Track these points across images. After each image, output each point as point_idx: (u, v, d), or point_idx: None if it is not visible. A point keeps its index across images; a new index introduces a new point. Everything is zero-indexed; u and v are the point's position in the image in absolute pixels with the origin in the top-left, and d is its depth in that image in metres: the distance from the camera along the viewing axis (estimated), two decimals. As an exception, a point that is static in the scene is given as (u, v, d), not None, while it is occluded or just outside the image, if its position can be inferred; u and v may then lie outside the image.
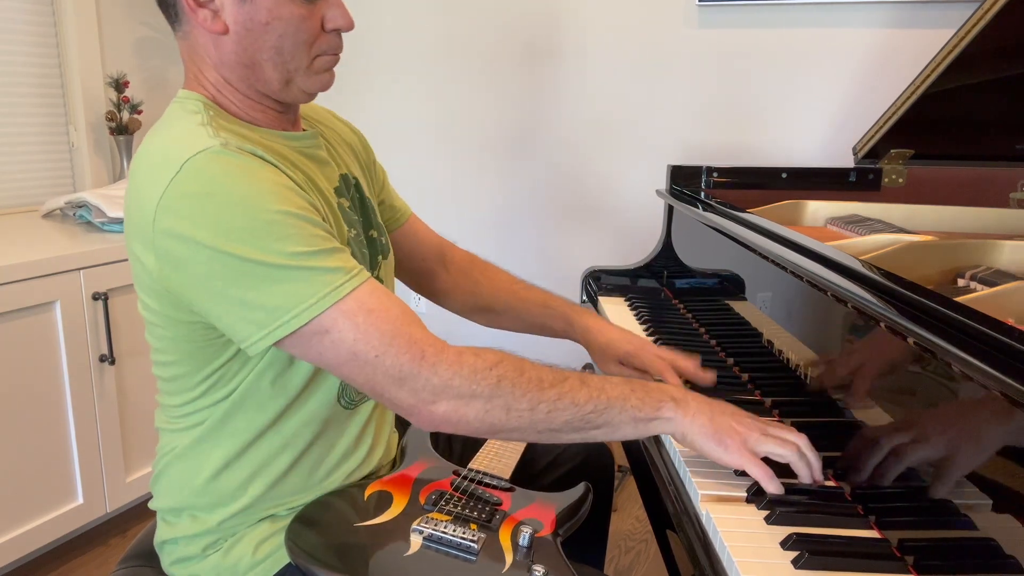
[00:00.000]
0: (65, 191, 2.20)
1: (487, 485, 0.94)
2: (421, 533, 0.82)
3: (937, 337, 0.66)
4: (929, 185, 1.53)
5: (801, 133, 2.12)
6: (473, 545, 0.81)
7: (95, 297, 1.70)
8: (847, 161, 1.61)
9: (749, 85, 2.15)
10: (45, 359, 1.63)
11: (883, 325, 0.76)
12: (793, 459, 0.79)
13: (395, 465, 0.99)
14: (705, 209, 1.34)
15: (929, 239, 1.10)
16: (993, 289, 0.86)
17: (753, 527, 0.73)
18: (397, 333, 0.75)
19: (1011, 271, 1.01)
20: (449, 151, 2.54)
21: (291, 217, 0.74)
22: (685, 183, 1.59)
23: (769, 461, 0.80)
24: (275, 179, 0.77)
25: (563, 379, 0.80)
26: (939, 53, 1.30)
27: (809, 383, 0.94)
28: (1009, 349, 0.60)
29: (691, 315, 1.39)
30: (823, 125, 2.09)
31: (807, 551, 0.68)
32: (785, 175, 1.57)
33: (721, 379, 1.06)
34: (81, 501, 1.74)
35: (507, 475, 0.97)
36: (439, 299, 1.20)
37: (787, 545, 0.69)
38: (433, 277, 1.19)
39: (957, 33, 1.26)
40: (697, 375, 1.03)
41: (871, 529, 0.73)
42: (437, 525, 0.83)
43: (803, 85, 2.09)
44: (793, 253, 0.98)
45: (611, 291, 1.60)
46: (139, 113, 2.22)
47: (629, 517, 2.01)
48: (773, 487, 0.78)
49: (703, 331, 1.31)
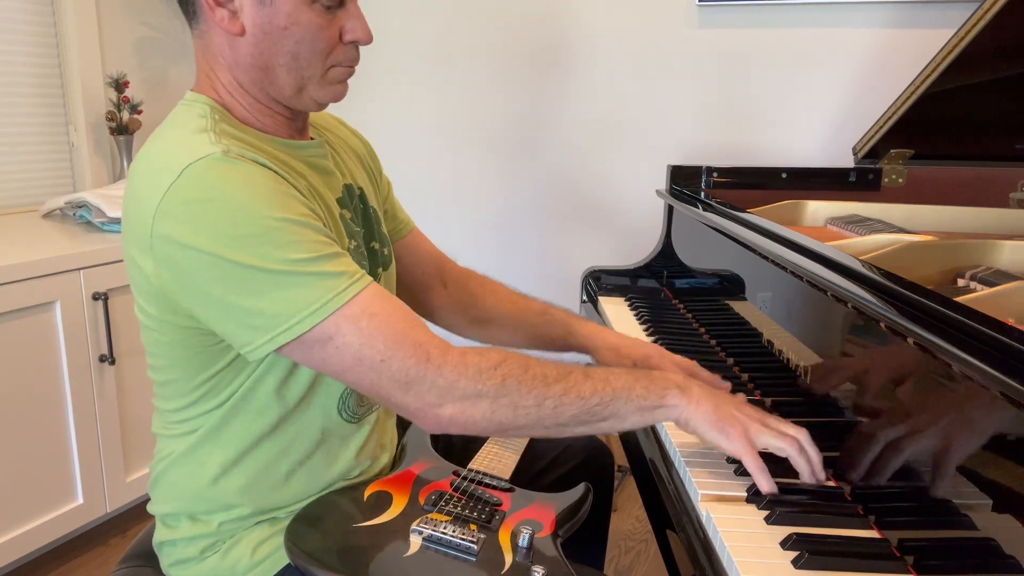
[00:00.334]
0: (65, 191, 2.20)
1: (487, 485, 0.94)
2: (420, 534, 0.82)
3: (937, 337, 0.66)
4: (929, 185, 1.53)
5: (801, 133, 2.12)
6: (473, 546, 0.81)
7: (95, 297, 1.70)
8: (847, 161, 1.61)
9: (749, 85, 2.14)
10: (45, 359, 1.63)
11: (883, 325, 0.76)
12: (792, 454, 0.79)
13: (395, 465, 0.98)
14: (705, 209, 1.34)
15: (929, 239, 1.10)
16: (993, 289, 0.86)
17: (753, 527, 0.73)
18: (402, 337, 0.75)
19: (1011, 271, 1.01)
20: (450, 151, 2.54)
21: (292, 224, 0.74)
22: (685, 183, 1.59)
23: (771, 458, 0.80)
24: (276, 186, 0.76)
25: (567, 373, 0.80)
26: (939, 53, 1.30)
27: (809, 383, 0.94)
28: (1009, 349, 0.60)
29: (691, 315, 1.39)
30: (823, 125, 2.09)
31: (807, 551, 0.68)
32: (785, 175, 1.57)
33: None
34: (81, 501, 1.74)
35: (507, 475, 0.97)
36: (435, 316, 1.18)
37: (787, 545, 0.69)
38: (430, 292, 1.17)
39: (957, 33, 1.26)
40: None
41: (871, 529, 0.73)
42: (437, 526, 0.83)
43: (803, 85, 2.09)
44: (793, 253, 0.98)
45: (611, 291, 1.60)
46: (139, 113, 2.22)
47: (629, 517, 2.01)
48: (766, 483, 0.78)
49: (703, 331, 1.31)
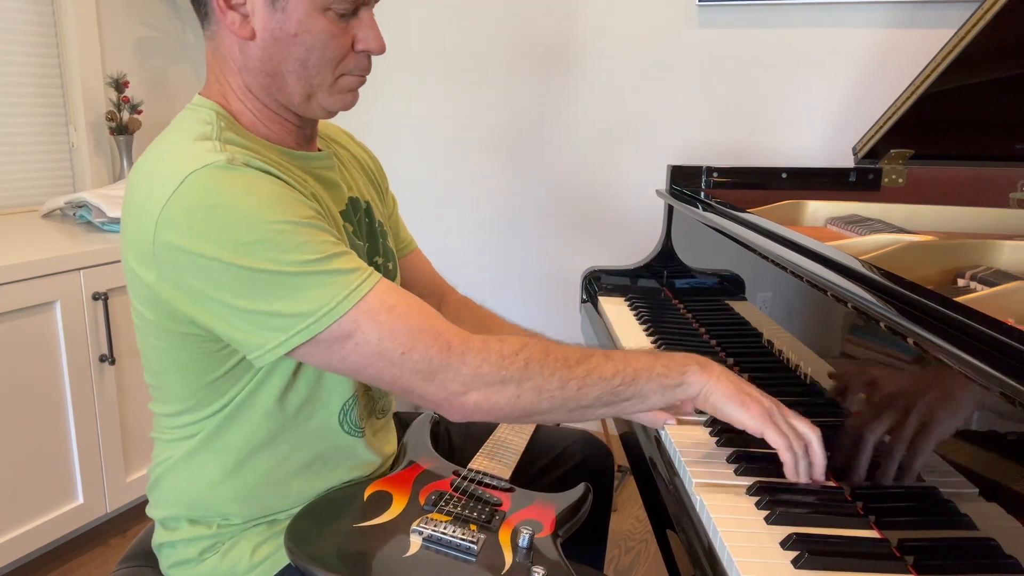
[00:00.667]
0: (65, 191, 2.20)
1: (487, 485, 0.94)
2: (421, 534, 0.82)
3: (937, 337, 0.66)
4: (929, 185, 1.53)
5: (801, 133, 2.12)
6: (473, 546, 0.81)
7: (95, 297, 1.70)
8: (847, 161, 1.61)
9: (749, 85, 2.15)
10: (45, 359, 1.63)
11: (883, 325, 0.76)
12: (800, 451, 0.79)
13: (395, 465, 0.98)
14: (705, 209, 1.34)
15: (929, 239, 1.10)
16: (993, 289, 0.86)
17: (753, 527, 0.73)
18: (422, 327, 0.74)
19: (1011, 271, 1.01)
20: (450, 151, 2.54)
21: (299, 226, 0.73)
22: (685, 183, 1.59)
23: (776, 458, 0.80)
24: (281, 190, 0.76)
25: (588, 356, 0.80)
26: (939, 53, 1.30)
27: (819, 385, 0.94)
28: (1009, 349, 0.60)
29: (691, 315, 1.39)
30: (823, 125, 2.09)
31: (807, 551, 0.68)
32: (785, 175, 1.57)
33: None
34: (81, 501, 1.74)
35: (507, 475, 0.97)
36: None
37: (787, 545, 0.69)
38: None
39: (957, 33, 1.26)
40: None
41: (871, 529, 0.73)
42: (437, 526, 0.83)
43: (803, 85, 2.09)
44: (793, 253, 0.98)
45: (611, 291, 1.60)
46: (139, 113, 2.22)
47: (629, 517, 2.01)
48: (790, 457, 0.78)
49: (703, 331, 1.31)
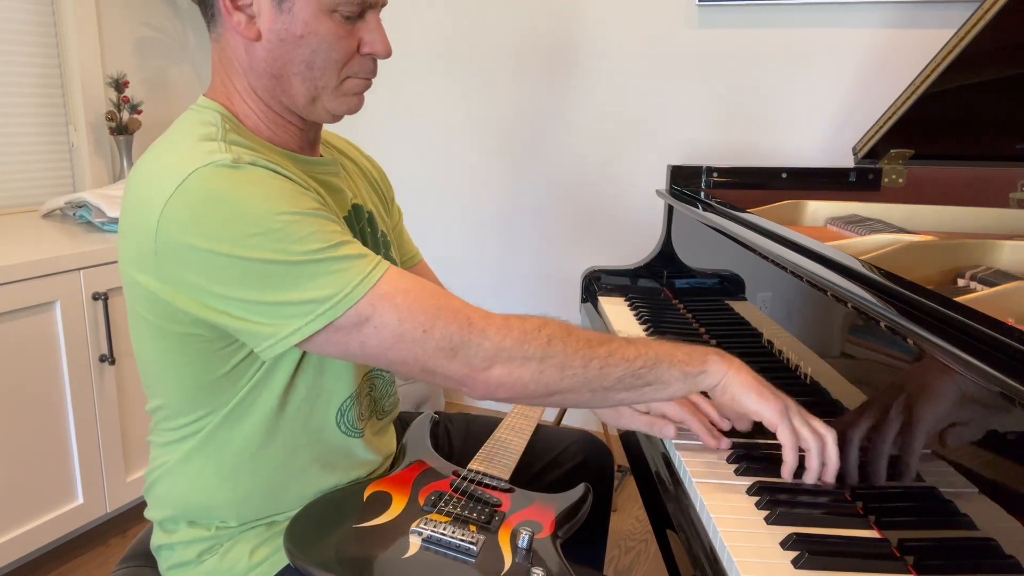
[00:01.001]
0: (65, 191, 2.20)
1: (487, 486, 0.94)
2: (420, 535, 0.82)
3: (937, 337, 0.66)
4: (929, 185, 1.53)
5: (801, 133, 2.11)
6: (472, 547, 0.81)
7: (95, 297, 1.70)
8: (847, 161, 1.61)
9: (749, 85, 2.14)
10: (45, 359, 1.63)
11: (883, 325, 0.76)
12: (814, 449, 0.79)
13: (394, 465, 0.98)
14: (705, 209, 1.34)
15: (929, 239, 1.10)
16: (993, 289, 0.86)
17: (753, 527, 0.73)
18: (440, 306, 0.74)
19: (1011, 271, 1.01)
20: (450, 151, 2.54)
21: (306, 216, 0.73)
22: (685, 183, 1.59)
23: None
24: (286, 184, 0.75)
25: (610, 338, 0.80)
26: (939, 53, 1.30)
27: (811, 383, 0.94)
28: (1009, 349, 0.60)
29: (691, 315, 1.39)
30: (823, 125, 2.09)
31: (807, 551, 0.68)
32: (785, 175, 1.57)
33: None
34: (81, 501, 1.74)
35: (507, 476, 0.97)
36: None
37: (787, 545, 0.69)
38: None
39: (957, 33, 1.26)
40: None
41: (871, 529, 0.73)
42: (436, 526, 0.83)
43: (803, 85, 2.09)
44: (793, 253, 0.98)
45: (611, 291, 1.60)
46: (139, 113, 2.22)
47: (629, 517, 2.01)
48: (792, 457, 0.78)
49: (703, 331, 1.31)
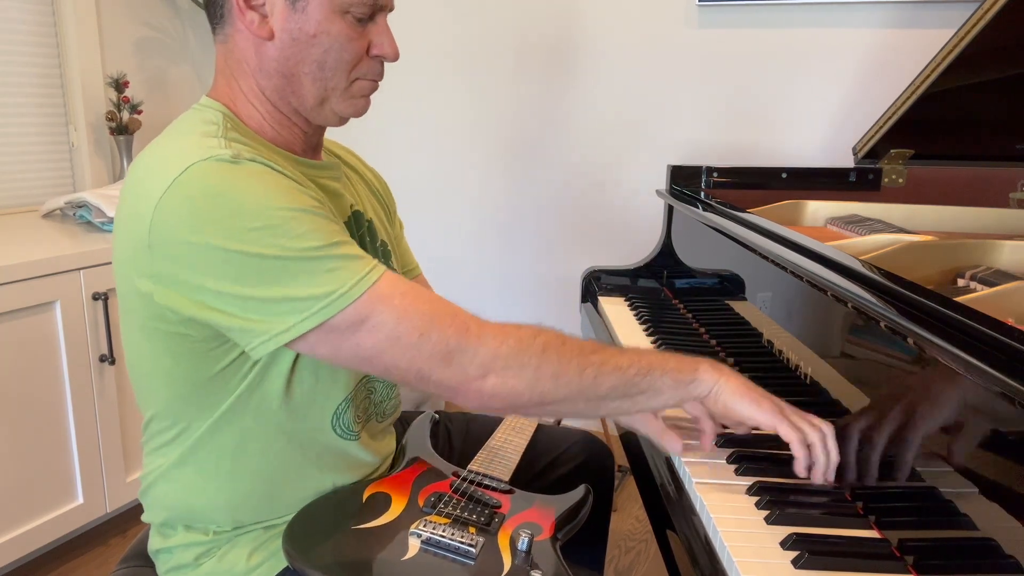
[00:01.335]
0: (65, 191, 2.20)
1: (486, 487, 0.94)
2: (419, 536, 0.82)
3: (937, 337, 0.66)
4: (929, 185, 1.53)
5: (801, 133, 2.11)
6: (471, 549, 0.81)
7: (95, 297, 1.70)
8: (847, 161, 1.61)
9: (749, 85, 2.14)
10: (45, 359, 1.63)
11: (883, 325, 0.76)
12: (816, 442, 0.79)
13: (394, 466, 0.98)
14: (705, 209, 1.34)
15: (929, 239, 1.10)
16: (993, 289, 0.86)
17: (753, 527, 0.73)
18: (437, 310, 0.74)
19: (1011, 271, 1.01)
20: (450, 151, 2.54)
21: (305, 213, 0.73)
22: (685, 183, 1.59)
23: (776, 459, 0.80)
24: (285, 180, 0.75)
25: (603, 347, 0.80)
26: (939, 53, 1.30)
27: (811, 383, 0.93)
28: (1009, 349, 0.60)
29: (691, 315, 1.39)
30: (823, 125, 2.09)
31: (807, 551, 0.68)
32: (785, 175, 1.57)
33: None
34: (81, 501, 1.74)
35: (507, 477, 0.97)
36: None
37: (787, 545, 0.69)
38: None
39: (957, 33, 1.26)
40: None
41: (871, 529, 0.73)
42: (435, 528, 0.83)
43: (803, 85, 2.09)
44: (793, 253, 0.98)
45: (611, 291, 1.60)
46: (139, 113, 2.22)
47: (629, 517, 2.01)
48: (803, 452, 0.78)
49: (703, 331, 1.31)
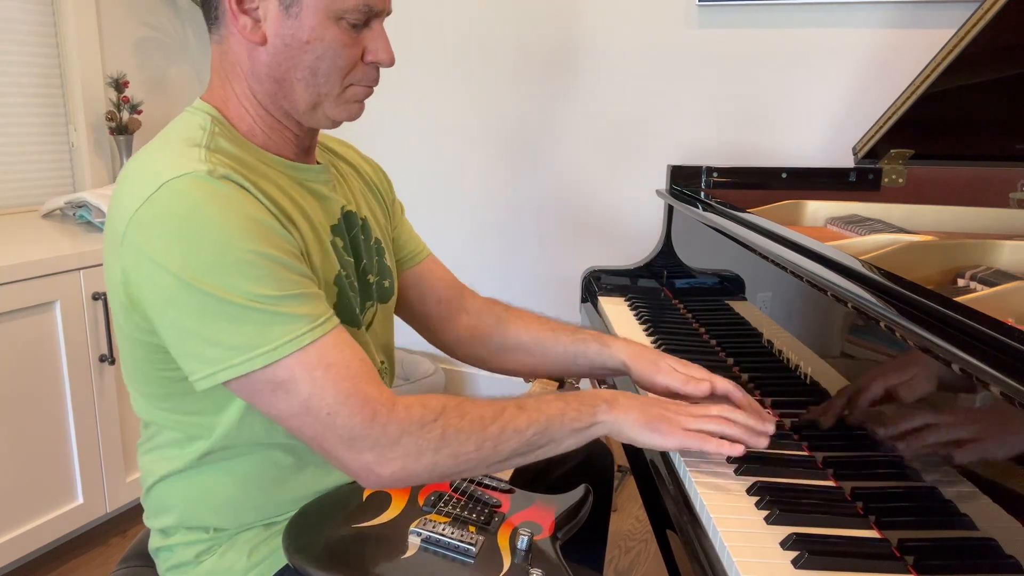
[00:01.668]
0: (65, 191, 2.20)
1: (486, 486, 0.94)
2: (419, 535, 0.82)
3: (937, 337, 0.66)
4: (929, 185, 1.53)
5: (801, 133, 2.11)
6: (471, 548, 0.81)
7: (95, 297, 1.70)
8: (847, 161, 1.61)
9: (749, 85, 2.14)
10: (45, 359, 1.63)
11: (883, 325, 0.76)
12: (725, 430, 0.83)
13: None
14: (705, 209, 1.34)
15: (929, 239, 1.10)
16: (993, 289, 0.86)
17: (753, 527, 0.73)
18: (353, 391, 0.74)
19: (1011, 271, 1.01)
20: (450, 152, 2.54)
21: (263, 258, 0.72)
22: (685, 183, 1.59)
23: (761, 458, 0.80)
24: (255, 215, 0.74)
25: (502, 410, 0.80)
26: (939, 53, 1.30)
27: (811, 383, 0.94)
28: (1009, 349, 0.60)
29: (691, 315, 1.39)
30: (823, 125, 2.09)
31: (807, 551, 0.68)
32: (785, 175, 1.57)
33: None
34: (81, 501, 1.74)
35: (507, 476, 0.97)
36: (454, 348, 1.12)
37: (787, 545, 0.69)
38: (449, 322, 1.11)
39: (957, 33, 1.26)
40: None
41: (871, 529, 0.73)
42: (435, 527, 0.83)
43: (803, 85, 2.09)
44: (793, 253, 0.98)
45: (611, 291, 1.60)
46: (139, 113, 2.22)
47: (629, 517, 2.01)
48: (729, 448, 0.82)
49: (703, 331, 1.31)
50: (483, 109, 2.47)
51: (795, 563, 0.67)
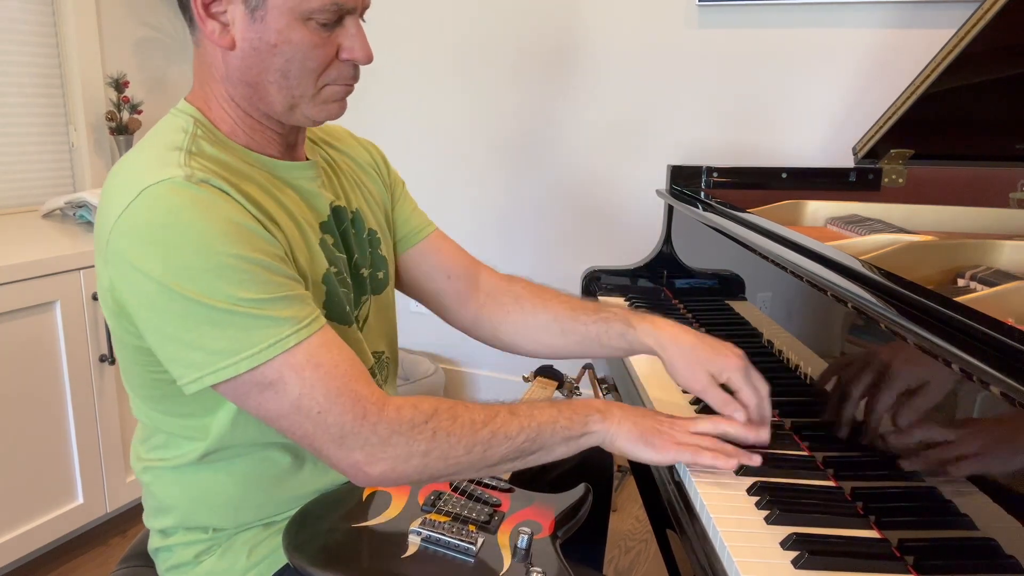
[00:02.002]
0: (65, 191, 2.20)
1: (486, 486, 0.94)
2: (419, 534, 0.82)
3: (937, 337, 0.66)
4: (929, 185, 1.53)
5: (801, 133, 2.11)
6: (471, 547, 0.81)
7: (95, 297, 1.70)
8: (847, 161, 1.61)
9: (749, 85, 2.14)
10: (45, 359, 1.63)
11: (883, 325, 0.76)
12: (724, 446, 0.83)
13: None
14: (705, 209, 1.34)
15: (929, 239, 1.10)
16: (993, 289, 0.86)
17: (753, 527, 0.73)
18: (343, 390, 0.74)
19: (1011, 271, 1.01)
20: (450, 151, 2.54)
21: (245, 262, 0.72)
22: (685, 183, 1.59)
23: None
24: (236, 218, 0.74)
25: (494, 415, 0.80)
26: (939, 53, 1.30)
27: (811, 383, 0.93)
28: (1009, 349, 0.60)
29: (691, 315, 1.39)
30: (823, 125, 2.09)
31: (807, 551, 0.68)
32: (785, 175, 1.57)
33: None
34: (81, 501, 1.74)
35: (507, 475, 0.97)
36: (472, 328, 1.08)
37: (787, 545, 0.69)
38: (463, 301, 1.07)
39: (957, 33, 1.26)
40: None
41: (871, 529, 0.73)
42: (435, 526, 0.83)
43: (803, 85, 2.09)
44: (793, 253, 0.98)
45: (611, 291, 1.60)
46: (139, 113, 2.22)
47: (629, 517, 2.01)
48: (723, 463, 0.81)
49: (703, 331, 1.31)
50: (483, 109, 2.47)
51: (795, 563, 0.67)
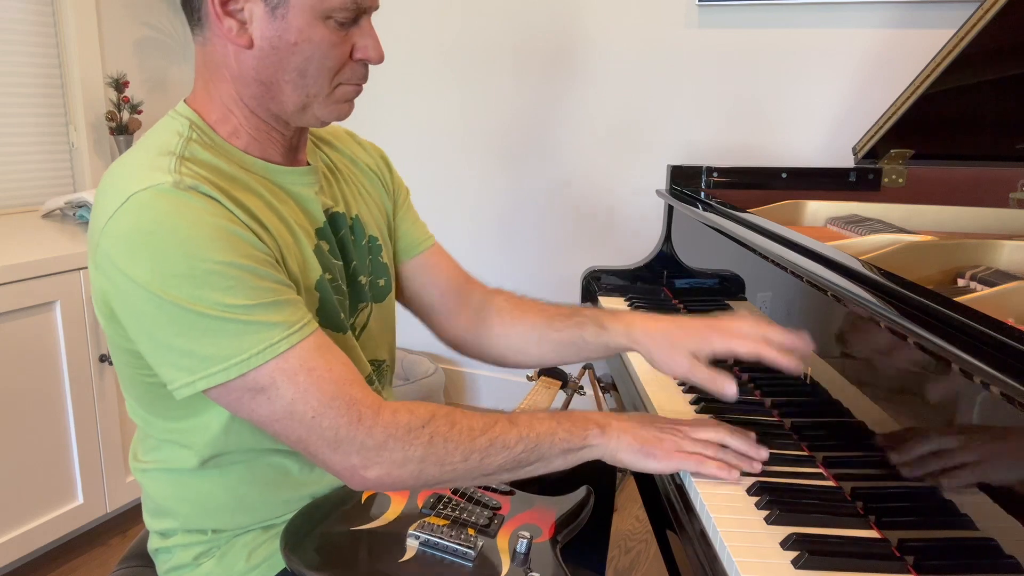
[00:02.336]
0: (65, 191, 2.20)
1: (486, 488, 0.94)
2: (418, 538, 0.82)
3: (937, 337, 0.66)
4: (929, 185, 1.53)
5: (801, 133, 2.11)
6: (470, 551, 0.80)
7: (95, 297, 1.70)
8: (847, 161, 1.61)
9: (749, 85, 2.14)
10: (45, 359, 1.63)
11: (883, 325, 0.76)
12: (724, 458, 0.82)
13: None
14: (705, 209, 1.34)
15: (929, 239, 1.10)
16: (993, 289, 0.86)
17: (753, 527, 0.73)
18: (337, 394, 0.73)
19: (1011, 271, 1.01)
20: (450, 151, 2.54)
21: (233, 268, 0.71)
22: (685, 183, 1.59)
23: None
24: (224, 224, 0.73)
25: (493, 423, 0.79)
26: (939, 53, 1.30)
27: (811, 383, 0.93)
28: (1009, 349, 0.60)
29: (691, 315, 1.39)
30: (823, 125, 2.09)
31: (807, 551, 0.67)
32: (785, 175, 1.57)
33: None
34: (81, 501, 1.74)
35: (507, 477, 0.97)
36: (461, 345, 1.08)
37: (787, 545, 0.69)
38: (451, 317, 1.07)
39: (957, 33, 1.26)
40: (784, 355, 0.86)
41: (871, 529, 0.73)
42: (434, 530, 0.83)
43: (803, 85, 2.09)
44: (793, 253, 0.98)
45: (611, 291, 1.60)
46: (139, 113, 2.22)
47: (629, 517, 2.01)
48: (724, 474, 0.80)
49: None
50: (483, 109, 2.47)
51: (795, 563, 0.67)
